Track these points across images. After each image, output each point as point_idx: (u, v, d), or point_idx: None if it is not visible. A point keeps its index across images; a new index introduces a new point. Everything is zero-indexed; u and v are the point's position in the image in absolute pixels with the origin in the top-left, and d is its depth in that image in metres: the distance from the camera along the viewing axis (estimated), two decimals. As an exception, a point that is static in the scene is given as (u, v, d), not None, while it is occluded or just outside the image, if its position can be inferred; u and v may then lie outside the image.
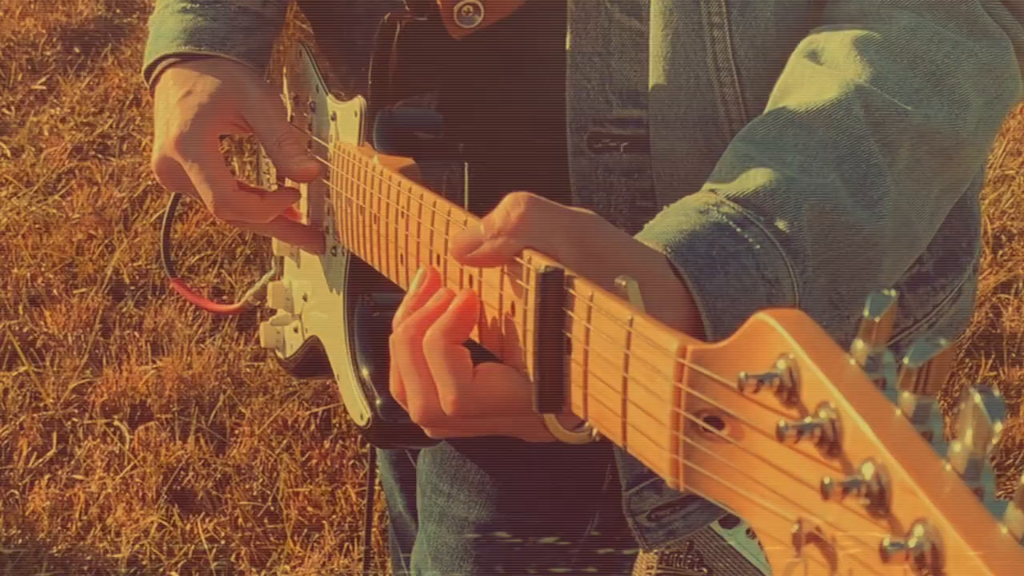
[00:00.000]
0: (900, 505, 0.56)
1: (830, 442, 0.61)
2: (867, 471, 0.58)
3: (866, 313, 0.63)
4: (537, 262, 0.86)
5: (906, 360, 0.60)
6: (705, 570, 2.09)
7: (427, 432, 0.96)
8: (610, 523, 1.32)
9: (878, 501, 0.57)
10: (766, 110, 1.09)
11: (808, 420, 0.62)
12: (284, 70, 1.52)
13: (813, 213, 1.00)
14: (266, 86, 1.39)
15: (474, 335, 0.96)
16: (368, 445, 2.11)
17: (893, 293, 0.63)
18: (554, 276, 0.84)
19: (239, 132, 1.38)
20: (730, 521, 1.98)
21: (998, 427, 0.55)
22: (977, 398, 0.56)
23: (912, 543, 0.55)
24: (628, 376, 0.78)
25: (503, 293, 0.91)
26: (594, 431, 0.86)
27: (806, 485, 0.62)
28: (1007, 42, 1.12)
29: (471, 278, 0.96)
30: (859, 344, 0.63)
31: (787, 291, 0.98)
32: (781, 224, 0.98)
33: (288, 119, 1.40)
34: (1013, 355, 3.15)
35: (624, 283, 0.82)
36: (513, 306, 0.90)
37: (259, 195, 1.38)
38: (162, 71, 1.39)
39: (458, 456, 1.39)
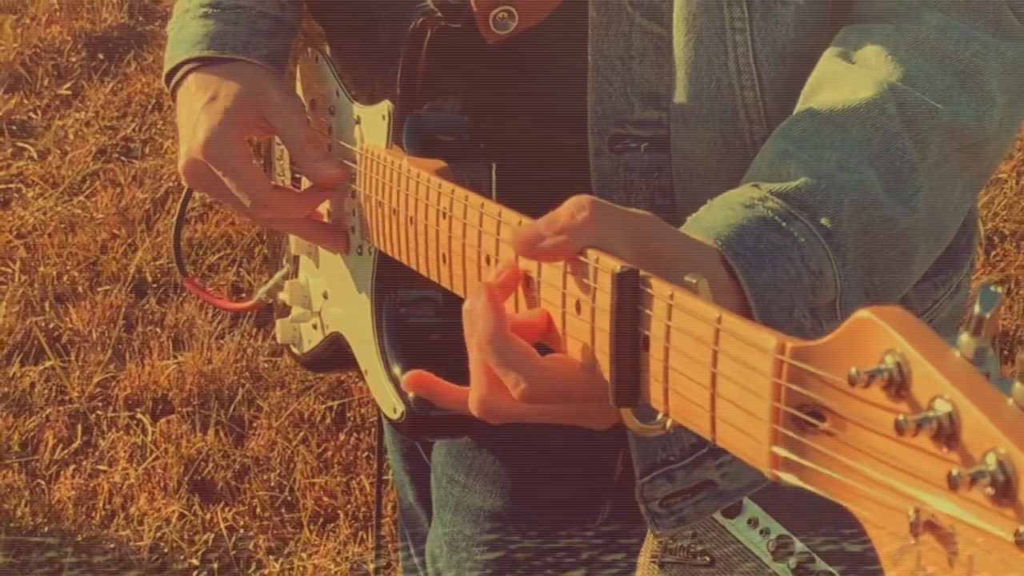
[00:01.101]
0: None
1: (947, 434, 0.61)
2: (991, 461, 0.58)
3: (977, 309, 0.63)
4: (606, 263, 0.86)
5: (1021, 353, 0.60)
6: (707, 558, 2.08)
7: (489, 421, 0.95)
8: (621, 512, 1.31)
9: (1003, 491, 0.58)
10: (799, 106, 1.09)
11: (928, 414, 0.61)
12: (297, 75, 1.51)
13: (852, 208, 1.00)
14: (287, 89, 1.38)
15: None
16: (379, 439, 2.11)
17: (1000, 290, 0.64)
18: (630, 276, 0.84)
19: (263, 135, 1.38)
20: (732, 511, 1.98)
21: None
22: None
23: None
24: (717, 372, 0.78)
25: (566, 292, 0.91)
26: (668, 423, 0.85)
27: (920, 477, 0.63)
28: None
29: (530, 279, 0.95)
30: (965, 338, 0.63)
31: (830, 282, 0.98)
32: (824, 220, 0.99)
33: (308, 120, 1.39)
34: (1006, 352, 3.15)
35: (695, 281, 0.82)
36: (579, 304, 0.89)
37: (293, 193, 1.37)
38: (184, 75, 1.38)
39: (474, 447, 1.39)
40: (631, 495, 1.29)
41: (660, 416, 0.86)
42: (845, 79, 1.07)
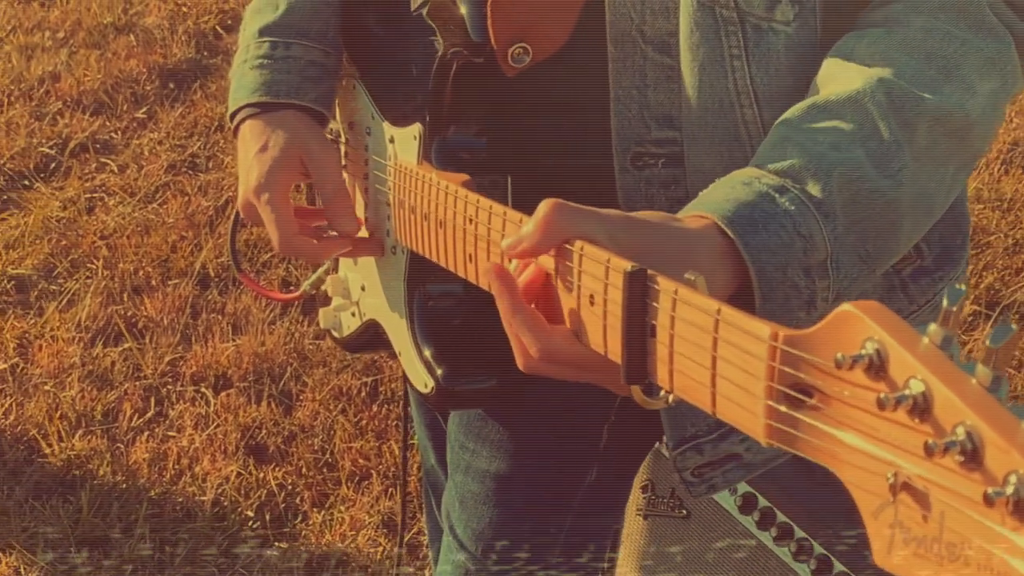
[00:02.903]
0: (993, 460, 0.58)
1: (921, 409, 0.61)
2: (960, 433, 0.59)
3: (945, 303, 0.64)
4: (618, 263, 0.86)
5: (987, 341, 0.61)
6: (684, 512, 2.08)
7: (530, 372, 0.96)
8: (606, 475, 1.31)
9: (971, 458, 0.58)
10: (802, 103, 1.07)
11: (905, 392, 0.62)
12: (337, 102, 1.50)
13: (842, 181, 0.99)
14: (325, 141, 1.37)
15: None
16: (405, 409, 2.10)
17: (965, 287, 0.65)
18: (639, 274, 0.84)
19: (304, 180, 1.37)
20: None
21: None
22: None
23: (1009, 491, 0.56)
24: (717, 355, 0.78)
25: (580, 285, 0.91)
26: (670, 398, 0.86)
27: (898, 445, 0.63)
28: (1009, 39, 1.10)
29: (548, 274, 0.95)
30: (934, 327, 0.64)
31: (820, 245, 0.97)
32: (813, 190, 0.98)
33: (342, 168, 1.38)
34: (963, 338, 3.13)
35: (693, 278, 0.82)
36: (592, 298, 0.89)
37: (316, 240, 1.36)
38: (242, 120, 1.37)
39: (482, 419, 1.39)
40: (615, 461, 1.29)
41: (663, 393, 0.86)
42: (840, 75, 1.06)
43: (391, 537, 2.55)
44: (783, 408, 0.72)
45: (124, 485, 2.66)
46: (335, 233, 1.38)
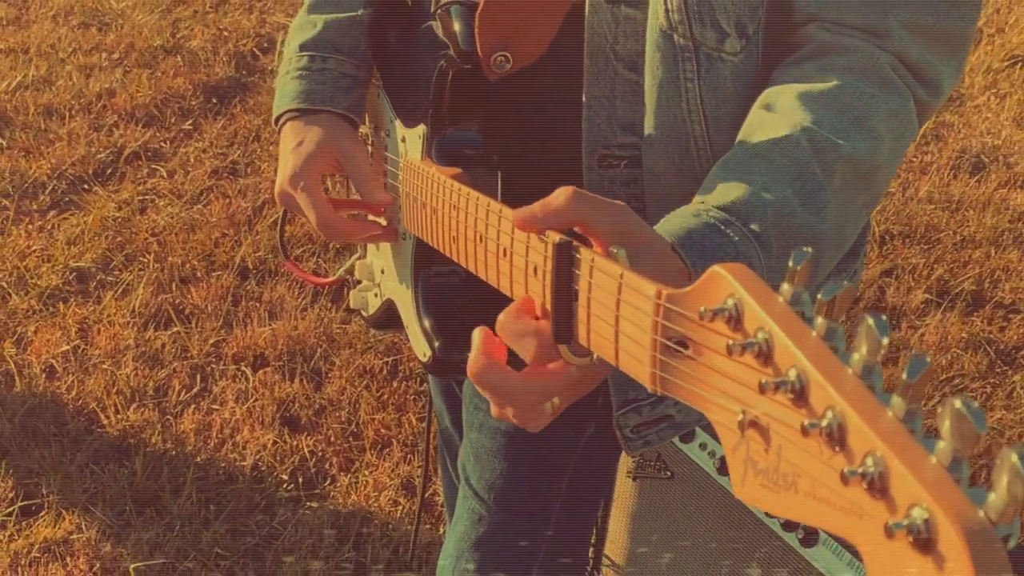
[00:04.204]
0: (815, 397, 0.57)
1: (765, 355, 0.61)
2: (792, 374, 0.59)
3: (790, 264, 0.63)
4: (552, 236, 0.86)
5: (820, 295, 0.61)
6: (669, 473, 2.09)
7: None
8: (601, 431, 1.32)
9: (799, 395, 0.58)
10: (735, 145, 1.08)
11: (749, 340, 0.62)
12: (367, 105, 1.52)
13: (775, 217, 0.99)
14: (355, 138, 1.38)
15: (510, 292, 0.96)
16: (425, 384, 2.11)
17: (809, 249, 0.64)
18: (566, 245, 0.85)
19: (334, 171, 1.38)
20: (687, 437, 1.98)
21: (885, 341, 0.56)
22: (870, 321, 0.56)
23: (824, 423, 0.55)
24: (619, 315, 0.78)
25: (528, 259, 0.91)
26: (594, 356, 0.86)
27: (747, 386, 0.63)
28: (909, 95, 1.11)
29: (505, 250, 0.95)
30: (785, 286, 0.63)
31: (758, 271, 0.97)
32: (754, 225, 0.98)
33: (369, 160, 1.39)
34: (893, 322, 3.14)
35: (616, 251, 0.82)
36: (536, 268, 0.90)
37: (348, 221, 1.37)
38: (285, 122, 1.39)
39: None
40: (609, 419, 1.29)
41: (590, 351, 0.86)
42: (769, 123, 1.06)
43: (409, 497, 2.56)
44: (664, 358, 0.72)
45: (173, 452, 2.68)
46: (369, 218, 1.39)
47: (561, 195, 0.89)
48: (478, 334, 0.94)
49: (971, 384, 2.92)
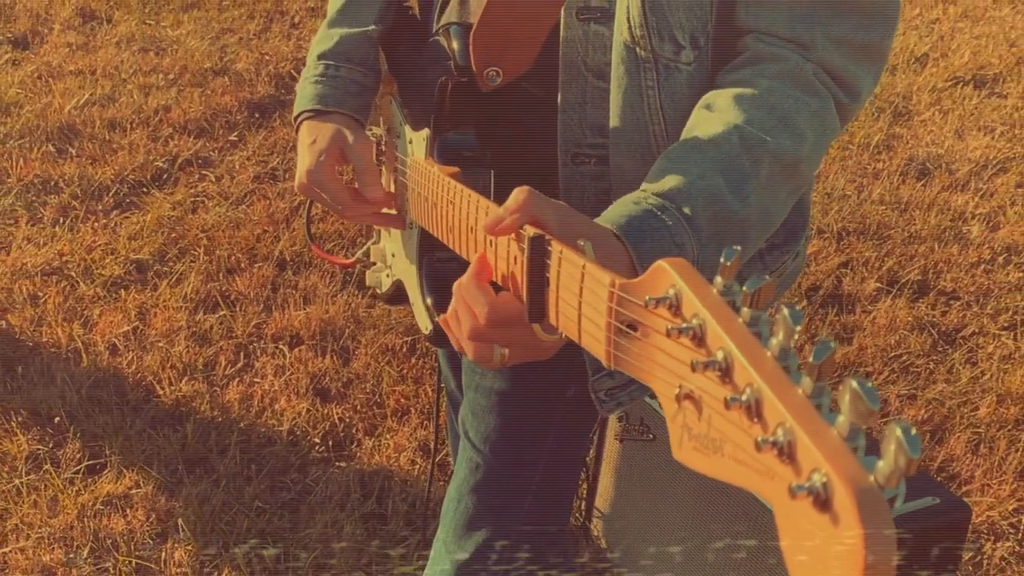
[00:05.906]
0: (738, 375, 0.58)
1: (698, 338, 0.62)
2: (720, 355, 0.59)
3: (722, 260, 0.64)
4: (528, 231, 0.87)
5: (744, 288, 0.61)
6: (651, 435, 2.09)
7: (474, 344, 0.96)
8: (582, 392, 1.32)
9: (725, 373, 0.59)
10: (679, 140, 1.09)
11: (685, 324, 0.63)
12: (381, 113, 1.53)
13: (706, 203, 1.00)
14: (361, 136, 1.38)
15: (496, 277, 0.97)
16: (437, 361, 2.12)
17: (739, 248, 0.64)
18: (539, 239, 0.86)
19: (342, 164, 1.38)
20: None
21: (798, 328, 0.57)
22: (784, 311, 0.57)
23: (744, 397, 0.56)
24: (582, 300, 0.80)
25: (509, 250, 0.92)
26: (562, 335, 0.87)
27: (683, 363, 0.64)
28: (830, 99, 1.11)
29: (491, 242, 0.97)
30: (718, 279, 0.64)
31: (689, 252, 0.98)
32: (686, 209, 0.99)
33: (374, 159, 1.40)
34: (848, 308, 3.14)
35: (583, 243, 0.84)
36: (516, 259, 0.91)
37: (364, 201, 1.38)
38: (302, 121, 1.40)
39: None
40: (585, 381, 1.30)
41: (559, 331, 0.88)
42: (706, 121, 1.07)
43: (425, 458, 2.57)
44: (616, 338, 0.73)
45: (219, 419, 2.69)
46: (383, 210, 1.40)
47: (518, 195, 0.90)
48: (476, 258, 0.97)
49: (916, 361, 2.92)
